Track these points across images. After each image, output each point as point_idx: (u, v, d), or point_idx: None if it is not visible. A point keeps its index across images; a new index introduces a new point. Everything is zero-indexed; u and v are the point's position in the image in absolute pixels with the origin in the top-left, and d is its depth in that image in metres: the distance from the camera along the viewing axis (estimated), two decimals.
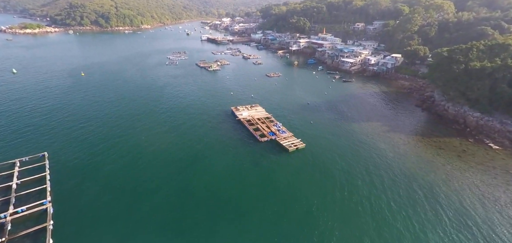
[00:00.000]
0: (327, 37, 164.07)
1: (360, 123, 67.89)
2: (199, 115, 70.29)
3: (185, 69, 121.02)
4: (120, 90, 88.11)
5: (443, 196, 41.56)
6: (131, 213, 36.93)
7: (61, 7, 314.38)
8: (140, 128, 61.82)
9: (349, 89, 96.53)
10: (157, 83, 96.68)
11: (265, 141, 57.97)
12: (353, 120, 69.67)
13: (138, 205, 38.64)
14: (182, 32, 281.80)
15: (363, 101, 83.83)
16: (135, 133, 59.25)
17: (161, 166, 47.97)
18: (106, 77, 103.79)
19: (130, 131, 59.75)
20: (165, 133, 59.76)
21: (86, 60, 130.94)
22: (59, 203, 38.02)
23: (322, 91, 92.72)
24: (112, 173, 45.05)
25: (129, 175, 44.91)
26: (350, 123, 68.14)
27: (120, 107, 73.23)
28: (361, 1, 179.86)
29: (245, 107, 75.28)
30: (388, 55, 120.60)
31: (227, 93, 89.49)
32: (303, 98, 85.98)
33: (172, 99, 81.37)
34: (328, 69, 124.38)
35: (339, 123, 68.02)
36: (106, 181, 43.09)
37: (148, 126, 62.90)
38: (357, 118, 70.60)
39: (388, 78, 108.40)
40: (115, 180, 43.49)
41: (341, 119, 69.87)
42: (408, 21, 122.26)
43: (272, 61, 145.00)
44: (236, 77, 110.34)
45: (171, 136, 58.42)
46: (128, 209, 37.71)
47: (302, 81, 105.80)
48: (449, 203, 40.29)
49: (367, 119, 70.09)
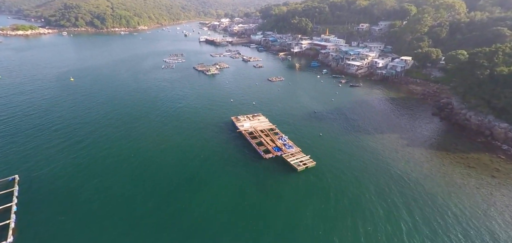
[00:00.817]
0: (330, 38, 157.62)
1: (374, 135, 61.29)
2: (196, 126, 63.55)
3: (182, 73, 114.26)
4: (111, 98, 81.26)
5: (486, 233, 34.98)
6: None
7: (56, 8, 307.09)
8: (128, 143, 55.02)
9: (357, 95, 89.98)
10: (151, 90, 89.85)
11: (270, 157, 51.37)
12: (366, 131, 63.06)
13: (123, 240, 32.03)
14: (180, 33, 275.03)
15: (374, 109, 77.29)
16: (123, 149, 52.46)
17: (151, 188, 41.32)
18: (97, 82, 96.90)
19: (117, 147, 52.96)
20: (157, 149, 52.96)
21: (77, 64, 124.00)
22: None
23: (329, 98, 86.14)
24: (93, 201, 38.28)
25: (112, 200, 38.17)
26: (363, 135, 61.53)
27: (109, 119, 66.36)
28: (365, 1, 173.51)
29: (246, 117, 68.61)
30: (397, 57, 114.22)
31: (227, 100, 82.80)
32: (309, 105, 79.38)
33: (167, 108, 74.59)
34: (333, 73, 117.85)
35: (351, 135, 61.40)
36: (86, 212, 36.31)
37: (138, 140, 56.11)
38: (370, 130, 64.01)
39: (397, 83, 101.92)
40: (98, 210, 36.72)
41: (353, 131, 63.27)
42: (417, 22, 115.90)
43: (274, 64, 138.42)
44: (236, 82, 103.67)
45: (163, 152, 51.64)
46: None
47: (307, 86, 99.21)
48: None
49: (382, 131, 63.51)
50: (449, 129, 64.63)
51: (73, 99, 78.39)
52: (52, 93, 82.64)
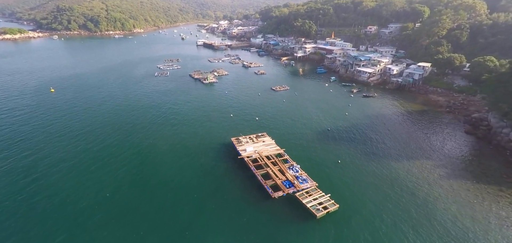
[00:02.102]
0: (336, 42, 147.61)
1: (404, 162, 50.98)
2: (189, 153, 53.11)
3: (176, 82, 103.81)
4: (94, 113, 70.73)
5: None
6: None
7: (49, 10, 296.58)
8: (107, 174, 44.55)
9: (373, 107, 79.74)
10: (140, 104, 79.32)
11: (280, 196, 41.09)
12: (394, 157, 52.75)
13: None
14: (177, 36, 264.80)
15: (395, 125, 67.02)
16: (99, 183, 41.95)
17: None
18: (81, 94, 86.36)
19: (92, 180, 42.44)
20: (140, 188, 42.46)
21: (62, 72, 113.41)
22: None
23: (342, 111, 75.88)
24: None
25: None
26: (391, 161, 51.23)
27: (88, 141, 55.85)
28: (373, 2, 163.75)
29: (249, 138, 58.23)
30: (412, 63, 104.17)
31: (226, 115, 72.43)
32: (320, 121, 69.06)
33: (156, 127, 64.09)
34: (342, 81, 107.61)
35: (376, 162, 51.06)
36: None
37: (118, 170, 45.61)
38: (398, 154, 53.70)
39: (415, 92, 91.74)
40: None
41: (377, 156, 52.92)
42: (435, 24, 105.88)
43: (276, 70, 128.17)
44: (236, 91, 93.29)
45: (148, 196, 41.10)
46: None
47: (315, 97, 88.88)
48: None
49: (411, 156, 53.20)
50: (492, 153, 54.29)
51: (46, 117, 67.71)
52: (24, 109, 72.02)
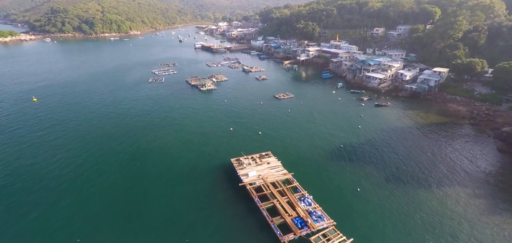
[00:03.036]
0: (341, 44, 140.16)
1: (433, 190, 43.38)
2: (182, 178, 45.43)
3: (171, 89, 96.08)
4: (76, 129, 62.94)
5: None
6: None
7: (43, 12, 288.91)
8: (78, 211, 36.75)
9: (387, 118, 72.13)
10: (131, 115, 71.59)
11: (292, 241, 33.53)
12: (420, 183, 45.12)
13: None
14: (175, 38, 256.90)
15: (416, 141, 59.37)
16: (70, 225, 34.16)
17: None
18: (65, 104, 78.65)
19: (63, 219, 34.64)
20: (123, 224, 34.68)
21: (48, 78, 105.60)
22: None
23: (354, 124, 68.25)
24: None
25: None
26: (418, 189, 43.60)
27: (66, 163, 48.10)
28: (379, 3, 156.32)
29: (251, 159, 50.57)
30: (426, 68, 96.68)
31: (225, 129, 64.72)
32: (331, 136, 61.39)
33: (146, 145, 56.34)
34: (350, 87, 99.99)
35: (401, 190, 43.41)
36: None
37: (93, 205, 37.82)
38: (424, 179, 46.05)
39: (431, 100, 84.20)
40: None
41: (401, 182, 45.25)
42: (449, 26, 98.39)
43: (279, 75, 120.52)
44: (236, 100, 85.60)
45: (131, 230, 33.35)
46: None
47: (322, 106, 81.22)
48: None
49: (441, 181, 45.57)
50: None
51: (21, 133, 59.88)
52: (2, 122, 64.24)
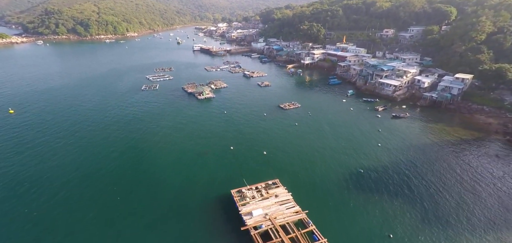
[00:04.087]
0: (349, 47, 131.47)
1: (484, 237, 34.60)
2: (169, 216, 36.68)
3: (166, 98, 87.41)
4: (52, 148, 54.29)
5: None
6: None
7: (38, 14, 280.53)
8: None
9: (409, 133, 63.36)
10: (117, 131, 62.88)
11: None
12: (463, 226, 36.35)
13: None
14: (173, 40, 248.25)
15: (448, 165, 50.65)
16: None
17: None
18: (45, 115, 70.14)
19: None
20: None
21: (31, 85, 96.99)
22: None
23: (372, 140, 59.55)
24: None
25: None
26: (461, 235, 34.83)
27: (36, 193, 39.34)
28: (387, 2, 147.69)
29: (255, 191, 41.96)
30: (445, 74, 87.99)
31: (224, 147, 56.06)
32: (347, 158, 52.68)
33: (131, 172, 47.64)
34: (361, 94, 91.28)
35: (442, 234, 34.66)
36: None
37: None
38: (468, 220, 37.32)
39: (454, 110, 75.54)
40: None
41: (440, 224, 36.52)
42: (471, 27, 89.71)
43: (282, 81, 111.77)
44: (237, 111, 76.95)
45: None
46: None
47: (333, 118, 72.50)
48: None
49: (490, 224, 36.82)
50: None
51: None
52: None
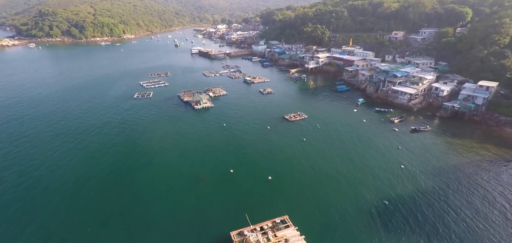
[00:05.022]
0: (355, 50, 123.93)
1: None
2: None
3: (159, 108, 79.77)
4: (20, 178, 46.53)
5: None
6: None
7: (32, 15, 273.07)
8: None
9: (433, 152, 55.63)
10: (101, 150, 55.24)
11: None
12: None
13: None
14: (171, 42, 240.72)
15: (489, 197, 42.93)
16: None
17: None
18: (22, 132, 62.37)
19: None
20: None
21: (12, 96, 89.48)
22: None
23: (393, 161, 51.87)
24: None
25: None
26: None
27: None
28: (396, 3, 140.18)
29: (260, 233, 34.46)
30: (465, 81, 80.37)
31: (223, 170, 48.43)
32: (367, 185, 44.96)
33: (109, 203, 39.91)
34: (373, 103, 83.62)
35: None
36: None
37: None
38: None
39: (480, 123, 67.90)
40: None
41: None
42: (493, 29, 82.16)
43: (286, 87, 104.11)
44: (237, 123, 69.30)
45: None
46: None
47: (345, 132, 64.78)
48: None
49: None
50: None
51: None
52: None
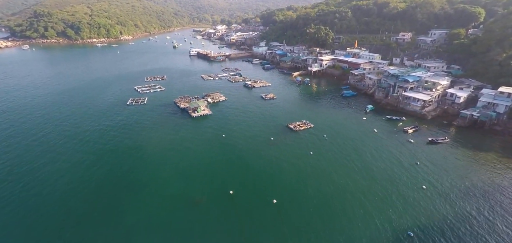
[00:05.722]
0: (361, 52, 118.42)
1: None
2: None
3: (154, 115, 74.18)
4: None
5: None
6: None
7: (27, 16, 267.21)
8: None
9: (457, 168, 50.05)
10: (85, 167, 49.54)
11: None
12: None
13: None
14: (169, 44, 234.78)
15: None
16: None
17: None
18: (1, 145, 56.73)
19: None
20: None
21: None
22: None
23: (413, 182, 46.30)
24: None
25: None
26: None
27: None
28: (402, 3, 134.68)
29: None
30: (483, 86, 74.85)
31: (222, 191, 42.81)
32: (385, 213, 39.36)
33: (89, 235, 34.26)
34: (383, 110, 78.05)
35: None
36: None
37: None
38: None
39: (502, 133, 62.34)
40: None
41: None
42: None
43: (289, 92, 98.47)
44: (238, 133, 63.68)
45: None
46: None
47: (355, 144, 59.13)
48: None
49: None
50: None
51: None
52: None
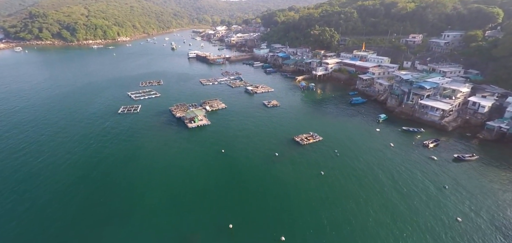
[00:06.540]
0: (369, 55, 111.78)
1: None
2: None
3: (146, 127, 67.55)
4: None
5: None
6: None
7: (22, 17, 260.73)
8: None
9: (493, 194, 43.49)
10: (64, 189, 42.88)
11: None
12: None
13: None
14: (167, 45, 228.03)
15: None
16: None
17: None
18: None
19: None
20: None
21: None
22: None
23: (445, 213, 39.73)
24: None
25: None
26: None
27: None
28: (411, 3, 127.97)
29: None
30: (508, 93, 68.17)
31: (220, 225, 36.22)
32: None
33: None
34: (397, 120, 71.37)
35: None
36: None
37: None
38: None
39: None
40: None
41: None
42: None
43: (293, 99, 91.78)
44: (238, 148, 57.01)
45: None
46: None
47: (370, 163, 52.48)
48: None
49: None
50: None
51: None
52: None
